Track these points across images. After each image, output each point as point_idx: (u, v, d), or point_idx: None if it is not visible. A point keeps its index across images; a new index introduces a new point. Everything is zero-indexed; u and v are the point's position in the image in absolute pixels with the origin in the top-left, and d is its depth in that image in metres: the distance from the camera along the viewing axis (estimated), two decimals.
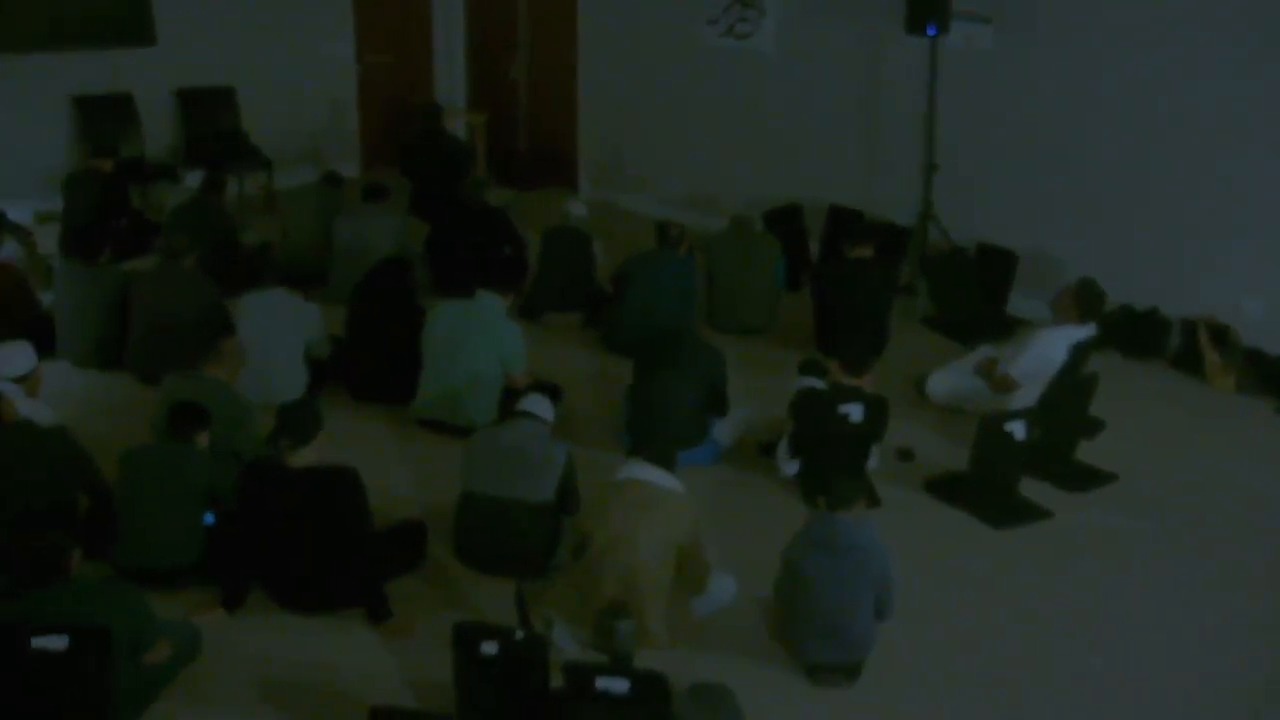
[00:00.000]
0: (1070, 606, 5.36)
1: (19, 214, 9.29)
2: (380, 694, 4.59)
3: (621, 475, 5.04)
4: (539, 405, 5.62)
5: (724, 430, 6.62)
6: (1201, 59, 7.49)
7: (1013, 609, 5.35)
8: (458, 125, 11.73)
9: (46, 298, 7.76)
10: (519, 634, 4.30)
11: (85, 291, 7.48)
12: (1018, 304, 8.38)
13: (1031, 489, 6.23)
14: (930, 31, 8.14)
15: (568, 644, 4.92)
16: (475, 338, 6.62)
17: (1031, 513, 6.08)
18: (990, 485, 6.10)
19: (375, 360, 7.12)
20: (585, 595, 4.92)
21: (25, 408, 5.78)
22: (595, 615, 4.85)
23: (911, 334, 8.24)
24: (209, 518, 5.26)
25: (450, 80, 12.44)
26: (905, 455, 6.59)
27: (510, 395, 6.45)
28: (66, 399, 6.90)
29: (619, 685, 4.00)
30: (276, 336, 6.81)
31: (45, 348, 7.06)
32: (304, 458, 5.09)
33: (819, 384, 6.23)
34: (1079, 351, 6.66)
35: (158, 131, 10.84)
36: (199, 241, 7.68)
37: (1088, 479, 6.39)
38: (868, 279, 7.68)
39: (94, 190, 9.11)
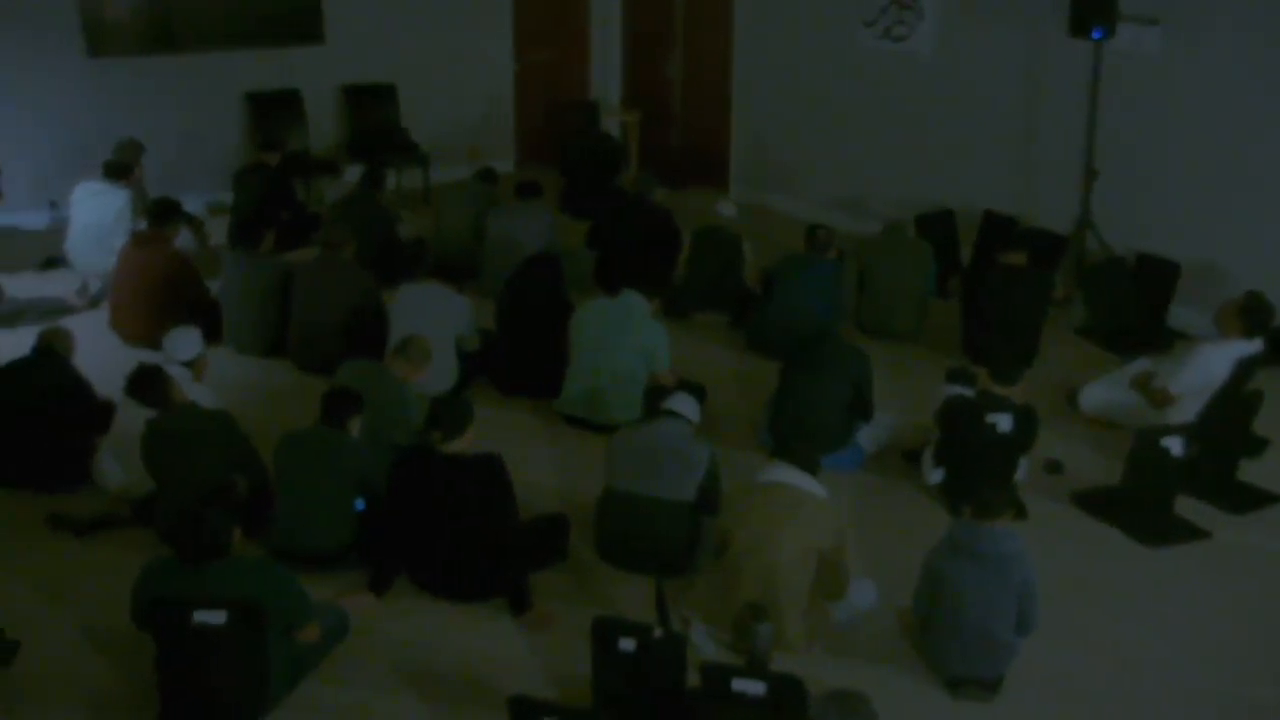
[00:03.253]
0: (1229, 632, 5.18)
1: (193, 205, 9.69)
2: (519, 684, 4.66)
3: (763, 477, 5.04)
4: (684, 404, 5.65)
5: (868, 436, 6.56)
6: None
7: (1166, 632, 5.18)
8: (612, 123, 11.84)
9: (215, 286, 8.07)
10: (657, 632, 4.33)
11: (248, 281, 7.76)
12: (1179, 316, 8.10)
13: (1188, 508, 6.03)
14: (1096, 35, 7.94)
15: (705, 643, 4.94)
16: (619, 337, 6.68)
17: (1188, 532, 5.89)
18: (1144, 502, 5.93)
19: (523, 355, 7.24)
20: (724, 596, 4.93)
21: (191, 391, 6.02)
22: (734, 616, 4.85)
23: (1065, 344, 8.04)
24: (359, 504, 5.41)
25: (605, 78, 12.56)
26: (1054, 468, 6.44)
27: (655, 393, 6.49)
28: (229, 384, 7.18)
29: (755, 687, 4.00)
30: (429, 328, 6.92)
31: (212, 334, 7.37)
32: (454, 450, 5.21)
33: (967, 392, 6.13)
34: (1243, 368, 6.42)
35: (323, 127, 11.21)
36: (357, 234, 7.90)
37: (1250, 499, 6.16)
38: (1020, 286, 7.53)
39: (261, 183, 9.45)
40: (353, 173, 10.33)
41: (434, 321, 7.00)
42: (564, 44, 12.50)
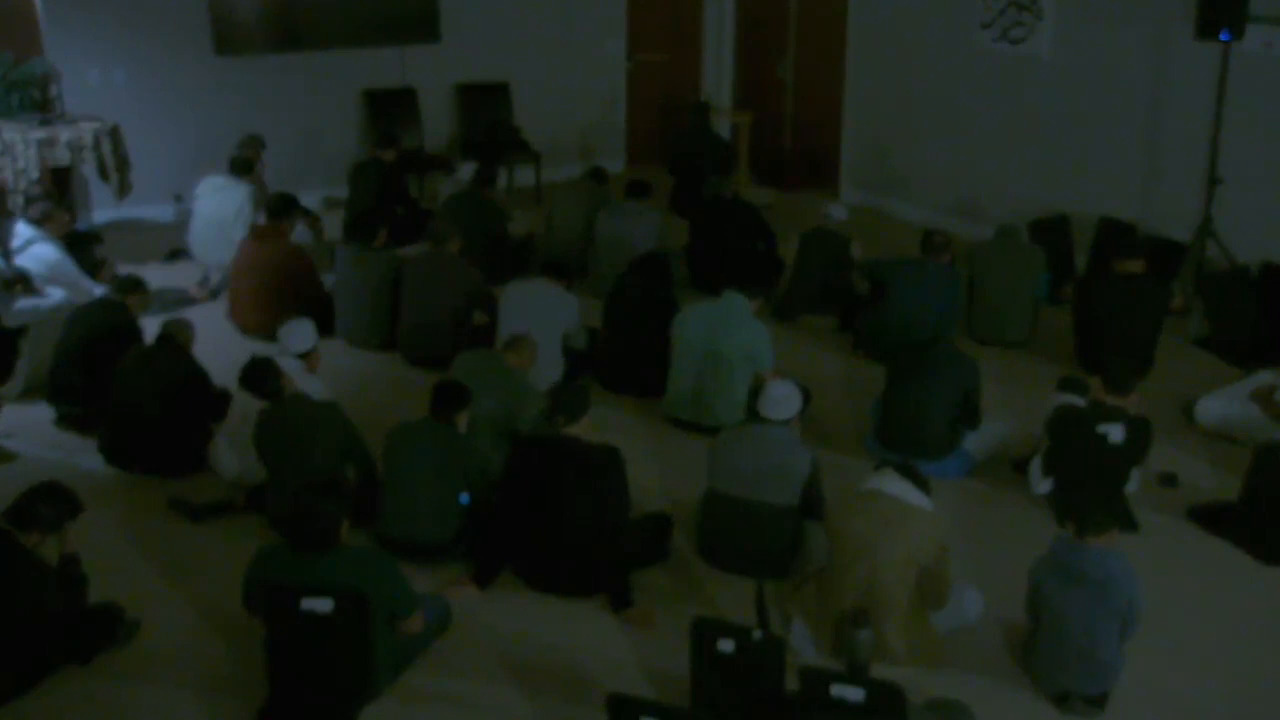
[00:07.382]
0: None
1: (310, 199, 9.90)
2: (617, 681, 4.69)
3: (868, 486, 4.98)
4: (779, 399, 5.56)
5: (976, 443, 6.46)
6: None
7: None
8: (723, 124, 11.84)
9: (329, 279, 8.23)
10: (757, 634, 4.33)
11: (361, 275, 7.91)
12: None
13: None
14: (1223, 36, 7.72)
15: (805, 647, 4.92)
16: (722, 338, 6.66)
17: None
18: (1262, 518, 5.76)
19: (630, 354, 7.27)
20: (825, 601, 4.91)
21: (304, 383, 6.14)
22: (834, 622, 4.83)
23: (1182, 355, 7.85)
24: (464, 498, 5.49)
25: (718, 79, 12.56)
26: (1168, 480, 6.29)
27: (757, 395, 6.46)
28: (341, 376, 7.32)
29: (854, 694, 3.98)
30: (536, 325, 7.00)
31: (325, 327, 7.52)
32: (575, 433, 5.32)
33: (1079, 401, 6.02)
34: None
35: (437, 124, 11.39)
36: (469, 231, 7.99)
37: None
38: (1137, 295, 7.35)
39: (376, 179, 9.63)
40: (466, 170, 10.47)
41: (541, 318, 7.06)
42: (677, 45, 12.53)
